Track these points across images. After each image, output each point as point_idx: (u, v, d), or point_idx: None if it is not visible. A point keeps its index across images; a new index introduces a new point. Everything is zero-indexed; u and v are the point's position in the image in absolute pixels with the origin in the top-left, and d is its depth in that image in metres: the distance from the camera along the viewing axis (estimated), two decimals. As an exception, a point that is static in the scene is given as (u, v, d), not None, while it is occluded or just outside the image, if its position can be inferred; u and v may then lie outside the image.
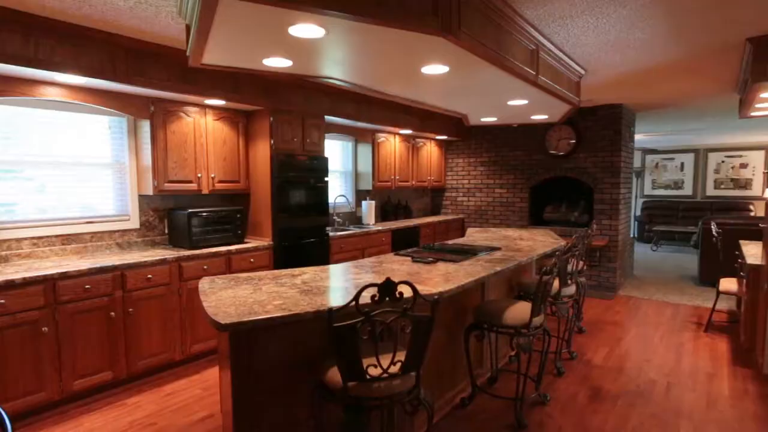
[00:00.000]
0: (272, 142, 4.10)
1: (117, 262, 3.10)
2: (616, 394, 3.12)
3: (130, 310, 3.15)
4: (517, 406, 2.73)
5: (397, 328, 1.72)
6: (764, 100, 3.85)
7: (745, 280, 3.76)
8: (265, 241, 4.13)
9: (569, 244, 3.23)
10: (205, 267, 3.60)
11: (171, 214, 3.82)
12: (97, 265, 2.99)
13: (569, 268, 3.38)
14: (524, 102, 3.77)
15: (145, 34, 3.04)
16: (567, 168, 6.17)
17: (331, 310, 1.66)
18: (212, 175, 3.96)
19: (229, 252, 3.77)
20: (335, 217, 5.61)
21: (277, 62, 2.56)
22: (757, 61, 3.12)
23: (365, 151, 5.91)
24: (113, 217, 3.65)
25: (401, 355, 1.82)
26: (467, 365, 2.91)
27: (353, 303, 1.66)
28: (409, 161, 6.51)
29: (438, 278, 2.51)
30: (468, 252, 3.39)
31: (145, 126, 3.58)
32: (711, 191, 11.10)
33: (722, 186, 10.98)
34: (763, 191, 10.40)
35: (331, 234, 4.74)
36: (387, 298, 1.70)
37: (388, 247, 5.59)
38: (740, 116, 4.89)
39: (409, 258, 3.17)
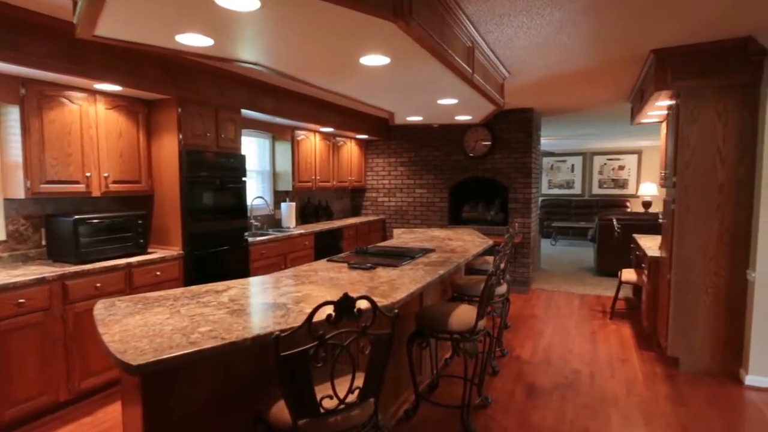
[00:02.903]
0: (181, 136, 3.58)
1: (-26, 285, 2.43)
2: (549, 388, 3.20)
3: (-5, 344, 2.49)
4: (464, 413, 2.65)
5: (354, 349, 1.50)
6: (658, 108, 4.26)
7: (646, 271, 4.14)
8: (173, 250, 3.60)
9: (502, 244, 3.25)
10: (98, 285, 3.00)
11: (50, 221, 3.14)
12: (-55, 290, 2.31)
13: (500, 266, 3.41)
14: (454, 101, 3.74)
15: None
16: (484, 169, 6.38)
17: (278, 337, 1.38)
18: (105, 175, 3.34)
19: (129, 265, 3.20)
20: (253, 221, 5.15)
21: (194, 40, 2.17)
22: (660, 71, 3.41)
23: (284, 149, 5.53)
24: (-32, 227, 2.89)
25: (359, 380, 1.59)
26: (410, 375, 2.77)
27: (305, 325, 1.39)
28: (330, 161, 6.25)
29: (384, 287, 2.32)
30: (405, 255, 3.25)
31: (14, 113, 2.89)
32: (596, 190, 12.40)
33: (605, 185, 12.33)
34: (637, 190, 11.92)
35: (250, 240, 4.31)
36: (344, 317, 1.46)
37: (311, 251, 5.28)
38: (632, 123, 5.41)
39: (345, 264, 2.94)
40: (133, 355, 1.37)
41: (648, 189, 11.03)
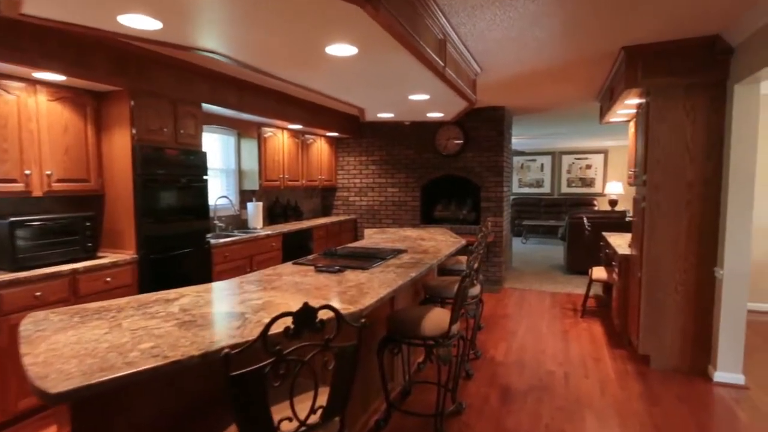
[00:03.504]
0: (134, 131, 3.32)
1: None
2: (524, 390, 3.13)
3: None
4: (437, 422, 2.53)
5: (317, 364, 1.35)
6: (628, 107, 4.28)
7: (616, 269, 4.15)
8: (126, 254, 3.34)
9: (475, 243, 3.16)
10: (38, 294, 2.73)
11: (-17, 223, 2.84)
12: None
13: (474, 267, 3.32)
14: (426, 97, 3.63)
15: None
16: (456, 167, 6.32)
17: (228, 354, 1.21)
18: (48, 173, 3.05)
19: (75, 271, 2.93)
20: (217, 222, 4.90)
21: (140, 22, 1.96)
22: (630, 69, 3.40)
23: (250, 146, 5.30)
24: None
25: (322, 398, 1.44)
26: (381, 383, 2.63)
27: (260, 340, 1.24)
28: (299, 159, 6.05)
29: (352, 291, 2.17)
30: (375, 256, 3.12)
31: (-64, 103, 2.58)
32: (565, 189, 12.62)
33: (573, 184, 12.56)
34: (604, 188, 12.19)
35: (212, 241, 4.07)
36: (305, 329, 1.31)
37: (279, 253, 5.07)
38: (601, 122, 5.46)
39: (312, 267, 2.78)
40: (55, 380, 1.18)
41: (614, 188, 11.29)
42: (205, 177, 3.96)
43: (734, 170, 3.12)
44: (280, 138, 5.61)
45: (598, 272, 4.75)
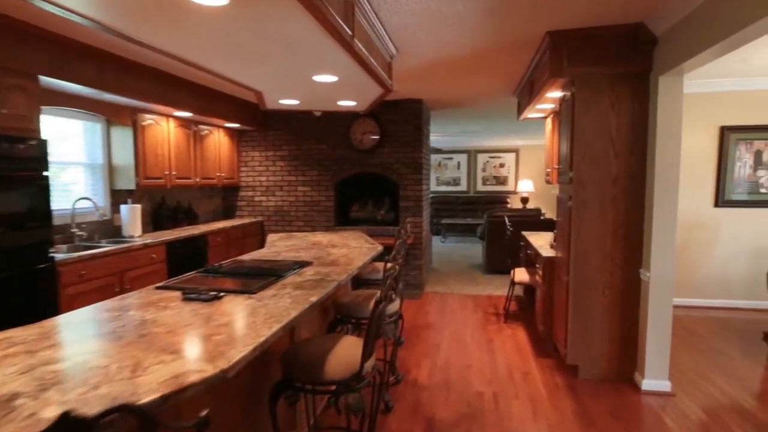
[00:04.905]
0: None
1: None
2: (452, 421, 2.70)
3: None
4: (348, 486, 1.98)
5: None
6: (547, 100, 4.08)
7: (540, 272, 3.92)
8: None
9: (393, 252, 2.66)
10: None
11: None
12: None
13: (393, 278, 2.83)
14: (333, 78, 3.05)
15: None
16: (373, 164, 5.83)
17: None
18: None
19: None
20: (76, 230, 3.89)
21: None
22: (555, 56, 3.12)
23: (123, 136, 4.33)
24: None
25: None
26: (276, 440, 2.01)
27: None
28: (192, 153, 5.15)
29: (222, 334, 1.53)
30: (270, 273, 2.48)
31: None
32: (480, 187, 12.81)
33: (488, 183, 12.79)
34: (516, 186, 12.57)
35: (59, 257, 3.13)
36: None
37: (163, 266, 4.19)
38: (519, 118, 5.30)
39: (180, 293, 2.07)
40: None
41: (525, 186, 11.65)
42: (45, 173, 3.02)
43: (659, 167, 2.96)
44: (165, 127, 4.69)
45: (521, 274, 4.54)
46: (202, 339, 1.48)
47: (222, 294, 2.05)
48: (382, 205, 6.12)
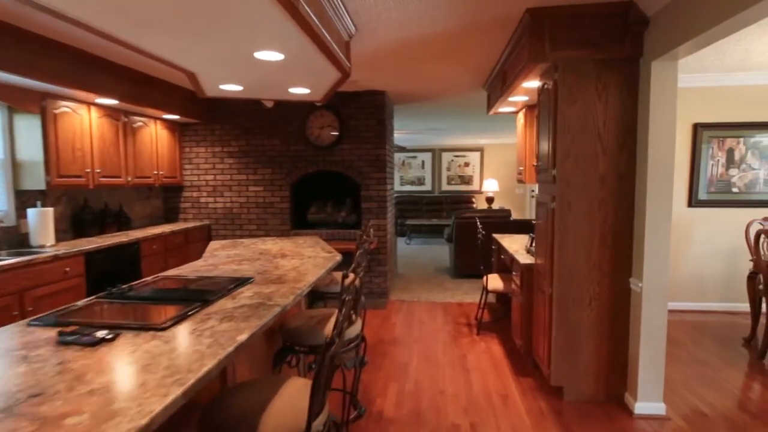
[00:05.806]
0: None
1: None
2: (424, 468, 2.25)
3: None
4: None
5: None
6: (521, 91, 3.72)
7: (517, 280, 3.56)
8: None
9: (353, 265, 2.18)
10: None
11: None
12: None
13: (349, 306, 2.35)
14: (279, 56, 2.54)
15: None
16: (332, 161, 5.32)
17: None
18: None
19: None
20: (-37, 240, 3.17)
21: None
22: (535, 38, 2.74)
23: (29, 126, 3.62)
24: None
25: None
26: None
27: None
28: (122, 147, 4.46)
29: (83, 412, 1.00)
30: (194, 297, 1.94)
31: None
32: (445, 187, 12.53)
33: (453, 182, 12.53)
34: (481, 186, 12.38)
35: (-76, 277, 2.45)
36: None
37: (81, 281, 3.52)
38: (489, 112, 4.94)
39: (55, 333, 1.51)
40: None
41: (490, 185, 11.45)
42: None
43: (652, 165, 2.63)
44: (85, 117, 3.99)
45: (494, 282, 4.17)
46: (46, 425, 0.94)
47: (117, 332, 1.50)
48: (343, 206, 5.62)
